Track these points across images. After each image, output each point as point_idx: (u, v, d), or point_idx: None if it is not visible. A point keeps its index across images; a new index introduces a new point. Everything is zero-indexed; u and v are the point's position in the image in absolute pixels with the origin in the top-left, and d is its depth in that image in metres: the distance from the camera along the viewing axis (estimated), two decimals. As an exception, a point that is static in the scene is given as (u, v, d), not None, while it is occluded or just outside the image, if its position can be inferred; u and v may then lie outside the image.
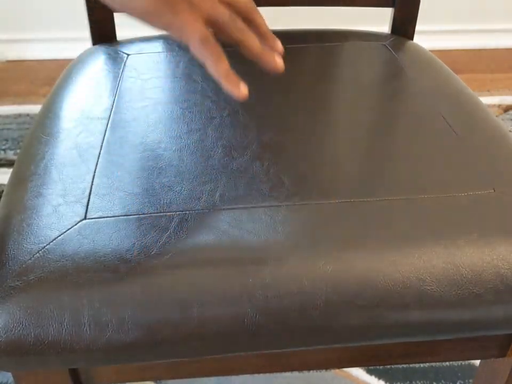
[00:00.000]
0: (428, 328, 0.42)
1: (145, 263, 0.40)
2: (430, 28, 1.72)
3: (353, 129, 0.52)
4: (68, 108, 0.56)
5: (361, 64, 0.63)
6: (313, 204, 0.44)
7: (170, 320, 0.39)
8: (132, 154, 0.49)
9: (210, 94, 0.57)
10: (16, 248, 0.41)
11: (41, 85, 1.56)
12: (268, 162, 0.48)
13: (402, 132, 0.52)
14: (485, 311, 0.41)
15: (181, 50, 0.65)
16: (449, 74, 0.63)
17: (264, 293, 0.39)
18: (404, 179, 0.46)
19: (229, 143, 0.50)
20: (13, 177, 0.49)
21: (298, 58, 0.64)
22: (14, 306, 0.38)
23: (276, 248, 0.41)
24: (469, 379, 0.85)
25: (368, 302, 0.40)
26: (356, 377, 0.86)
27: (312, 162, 0.48)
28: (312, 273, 0.40)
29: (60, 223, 0.42)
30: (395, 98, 0.57)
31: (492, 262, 0.41)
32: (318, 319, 0.40)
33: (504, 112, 1.48)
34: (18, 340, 0.38)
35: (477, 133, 0.52)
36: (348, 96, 0.57)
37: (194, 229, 0.42)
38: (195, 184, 0.46)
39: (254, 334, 0.40)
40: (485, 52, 1.76)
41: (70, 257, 0.40)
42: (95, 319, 0.38)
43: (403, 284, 0.40)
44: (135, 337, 0.39)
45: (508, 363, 0.51)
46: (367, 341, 0.42)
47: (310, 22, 1.61)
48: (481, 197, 0.45)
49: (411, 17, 0.70)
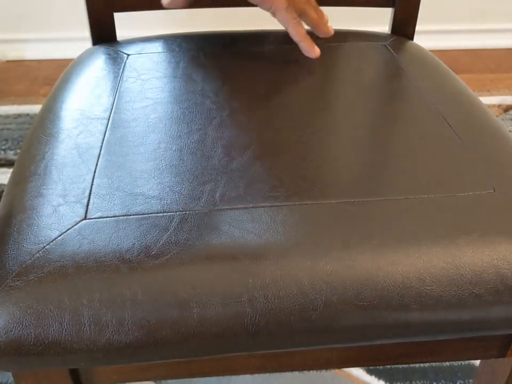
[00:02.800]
0: (427, 329, 0.42)
1: (145, 263, 0.40)
2: (430, 28, 1.72)
3: (353, 129, 0.52)
4: (68, 108, 0.56)
5: (361, 64, 0.63)
6: (313, 204, 0.44)
7: (170, 320, 0.39)
8: (132, 155, 0.49)
9: (210, 94, 0.57)
10: (16, 248, 0.41)
11: (41, 85, 1.57)
12: (267, 162, 0.48)
13: (402, 131, 0.52)
14: (485, 311, 0.41)
15: (181, 50, 0.65)
16: (449, 74, 0.63)
17: (264, 293, 0.39)
18: (404, 179, 0.46)
19: (229, 143, 0.50)
20: (13, 177, 0.49)
21: (298, 59, 0.64)
22: (14, 306, 0.38)
23: (276, 248, 0.41)
24: (469, 379, 0.85)
25: (368, 302, 0.40)
26: (356, 377, 0.86)
27: (312, 162, 0.48)
28: (312, 273, 0.40)
29: (60, 223, 0.42)
30: (395, 98, 0.57)
31: (491, 262, 0.41)
32: (318, 319, 0.40)
33: (504, 112, 1.48)
34: (18, 340, 0.38)
35: (477, 133, 0.52)
36: (348, 96, 0.57)
37: (194, 229, 0.42)
38: (195, 184, 0.46)
39: (254, 334, 0.40)
40: (485, 51, 1.76)
41: (70, 257, 0.40)
42: (95, 319, 0.38)
43: (403, 284, 0.40)
44: (135, 338, 0.39)
45: (508, 363, 0.51)
46: (367, 341, 0.42)
47: (310, 22, 1.60)
48: (481, 197, 0.45)
49: (411, 17, 0.71)
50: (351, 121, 0.53)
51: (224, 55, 0.65)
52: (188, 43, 0.66)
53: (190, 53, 0.64)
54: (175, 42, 0.67)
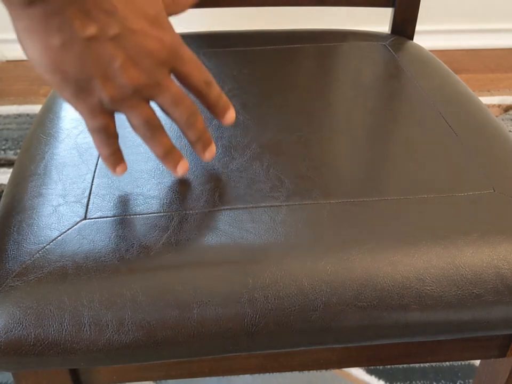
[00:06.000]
0: (427, 329, 0.42)
1: (145, 263, 0.40)
2: (430, 28, 1.72)
3: (353, 129, 0.52)
4: (68, 108, 0.56)
5: (361, 64, 0.63)
6: (313, 204, 0.44)
7: (170, 321, 0.39)
8: (132, 155, 0.49)
9: (210, 94, 0.57)
10: (16, 248, 0.41)
11: (41, 85, 1.56)
12: (267, 162, 0.48)
13: (402, 132, 0.52)
14: (485, 312, 0.41)
15: (181, 50, 0.65)
16: (449, 74, 0.63)
17: (264, 293, 0.39)
18: (404, 179, 0.46)
19: (229, 143, 0.50)
20: (13, 177, 0.49)
21: (298, 59, 0.64)
22: (14, 306, 0.38)
23: (276, 248, 0.41)
24: (469, 379, 0.85)
25: (367, 303, 0.40)
26: (356, 377, 0.86)
27: (312, 162, 0.48)
28: (312, 273, 0.40)
29: (60, 223, 0.42)
30: (395, 98, 0.57)
31: (492, 262, 0.41)
32: (318, 319, 0.40)
33: (504, 112, 1.48)
34: (18, 340, 0.38)
35: (477, 133, 0.52)
36: (348, 96, 0.57)
37: (194, 229, 0.42)
38: (195, 184, 0.46)
39: (254, 335, 0.40)
40: (485, 51, 1.76)
41: (70, 257, 0.40)
42: (95, 319, 0.38)
43: (403, 284, 0.40)
44: (135, 338, 0.39)
45: (508, 363, 0.51)
46: (367, 341, 0.42)
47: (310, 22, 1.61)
48: (481, 197, 0.45)
49: (411, 17, 0.70)
50: (351, 121, 0.53)
51: (224, 55, 0.64)
52: (188, 43, 0.66)
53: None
54: (175, 42, 0.67)
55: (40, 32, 0.36)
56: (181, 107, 0.41)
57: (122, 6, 0.37)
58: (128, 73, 0.38)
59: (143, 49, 0.38)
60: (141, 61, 0.38)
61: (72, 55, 0.37)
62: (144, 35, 0.38)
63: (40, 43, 0.36)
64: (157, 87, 0.39)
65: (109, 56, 0.37)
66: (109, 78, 0.38)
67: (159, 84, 0.39)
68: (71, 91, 0.38)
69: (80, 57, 0.37)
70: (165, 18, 0.40)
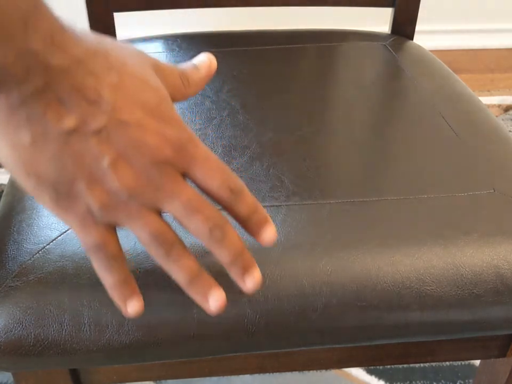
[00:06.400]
0: (427, 329, 0.42)
1: (145, 263, 0.40)
2: (430, 28, 1.72)
3: (353, 129, 0.52)
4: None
5: (361, 64, 0.63)
6: (313, 204, 0.44)
7: (170, 321, 0.39)
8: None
9: (210, 94, 0.57)
10: (16, 248, 0.41)
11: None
12: (267, 162, 0.48)
13: (402, 132, 0.52)
14: (485, 312, 0.41)
15: (181, 50, 0.65)
16: (449, 74, 0.63)
17: (264, 294, 0.39)
18: (404, 179, 0.46)
19: (229, 143, 0.50)
20: (12, 177, 0.49)
21: (298, 59, 0.64)
22: (14, 306, 0.38)
23: (275, 249, 0.41)
24: (469, 379, 0.85)
25: (367, 303, 0.40)
26: (356, 377, 0.86)
27: (312, 162, 0.48)
28: (312, 273, 0.40)
29: (60, 223, 0.42)
30: (395, 99, 0.57)
31: (491, 262, 0.41)
32: (318, 320, 0.40)
33: (504, 112, 1.48)
34: (18, 340, 0.38)
35: (477, 133, 0.52)
36: (348, 96, 0.57)
37: (194, 229, 0.42)
38: (195, 184, 0.46)
39: (254, 335, 0.40)
40: (485, 51, 1.76)
41: (70, 257, 0.40)
42: (95, 319, 0.38)
43: (403, 284, 0.40)
44: (135, 338, 0.39)
45: (508, 363, 0.51)
46: (367, 341, 0.42)
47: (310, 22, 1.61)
48: (481, 197, 0.45)
49: (411, 17, 0.70)
50: (351, 121, 0.53)
51: (224, 55, 0.64)
52: (188, 43, 0.66)
53: (190, 53, 0.64)
54: (175, 42, 0.67)
55: (5, 126, 0.29)
56: (197, 218, 0.32)
57: (109, 94, 0.30)
58: (120, 173, 0.31)
59: (138, 145, 0.31)
60: (136, 158, 0.31)
61: (47, 154, 0.30)
62: (139, 128, 0.31)
63: (6, 140, 0.30)
64: (160, 192, 0.32)
65: (94, 153, 0.30)
66: (95, 180, 0.31)
67: (163, 188, 0.31)
68: (50, 198, 0.31)
69: (57, 155, 0.30)
70: (169, 108, 0.32)
